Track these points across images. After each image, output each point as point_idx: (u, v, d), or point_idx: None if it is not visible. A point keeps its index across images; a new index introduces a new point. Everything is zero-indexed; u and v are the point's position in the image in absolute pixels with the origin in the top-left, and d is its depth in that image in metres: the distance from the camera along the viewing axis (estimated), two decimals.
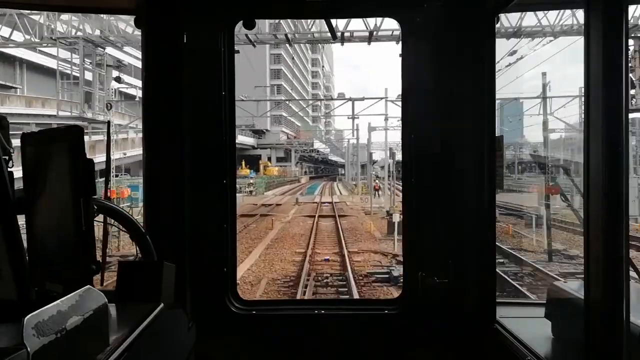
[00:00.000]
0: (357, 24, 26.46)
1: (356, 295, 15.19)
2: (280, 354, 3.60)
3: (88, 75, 32.02)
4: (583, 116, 2.09)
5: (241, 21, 3.71)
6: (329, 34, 28.42)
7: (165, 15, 3.43)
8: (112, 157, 3.03)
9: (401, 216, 4.17)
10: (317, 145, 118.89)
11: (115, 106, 42.93)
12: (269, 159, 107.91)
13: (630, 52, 22.24)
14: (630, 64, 21.24)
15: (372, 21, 26.13)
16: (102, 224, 3.12)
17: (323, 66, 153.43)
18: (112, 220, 3.02)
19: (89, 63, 31.60)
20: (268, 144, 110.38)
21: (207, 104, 3.56)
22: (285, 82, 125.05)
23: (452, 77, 3.45)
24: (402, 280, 3.67)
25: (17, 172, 2.33)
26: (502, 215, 29.16)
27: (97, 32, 30.51)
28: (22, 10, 26.54)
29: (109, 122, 3.73)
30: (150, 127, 3.52)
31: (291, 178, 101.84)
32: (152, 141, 3.50)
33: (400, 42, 3.64)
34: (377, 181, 49.47)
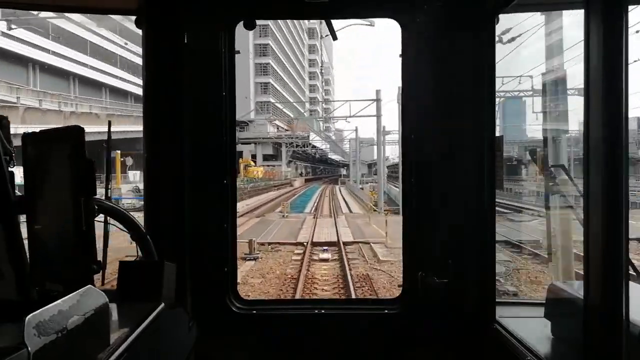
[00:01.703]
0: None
1: None
2: (280, 354, 3.60)
3: None
4: (583, 116, 2.09)
5: (242, 21, 3.71)
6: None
7: (166, 15, 3.44)
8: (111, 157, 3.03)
9: None
10: (314, 141, 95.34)
11: None
12: (254, 156, 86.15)
13: None
14: None
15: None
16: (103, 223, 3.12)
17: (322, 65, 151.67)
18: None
19: None
20: (252, 138, 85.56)
21: (207, 104, 3.56)
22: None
23: (452, 77, 3.45)
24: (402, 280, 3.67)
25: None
26: None
27: None
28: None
29: (109, 122, 3.74)
30: (150, 127, 3.53)
31: (280, 181, 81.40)
32: (152, 141, 3.50)
33: (400, 42, 3.64)
34: None
